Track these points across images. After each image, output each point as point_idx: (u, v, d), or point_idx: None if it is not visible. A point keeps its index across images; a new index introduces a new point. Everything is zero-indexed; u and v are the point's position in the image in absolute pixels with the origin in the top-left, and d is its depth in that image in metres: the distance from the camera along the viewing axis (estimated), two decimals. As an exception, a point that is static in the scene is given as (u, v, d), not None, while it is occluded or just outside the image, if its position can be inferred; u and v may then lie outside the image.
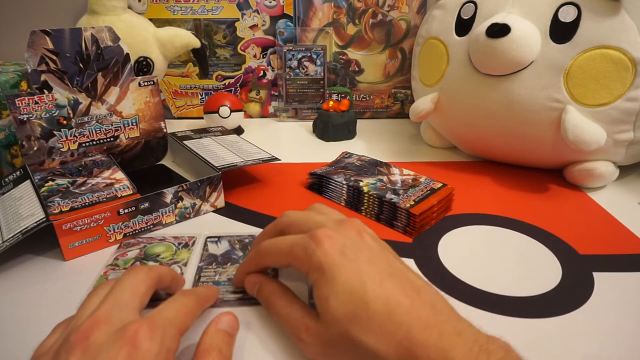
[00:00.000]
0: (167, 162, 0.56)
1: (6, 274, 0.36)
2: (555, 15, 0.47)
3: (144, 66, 0.61)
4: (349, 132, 0.69)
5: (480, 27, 0.48)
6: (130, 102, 0.51)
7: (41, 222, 0.36)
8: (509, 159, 0.57)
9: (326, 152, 0.62)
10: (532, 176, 0.55)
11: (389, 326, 0.23)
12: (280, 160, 0.50)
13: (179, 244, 0.39)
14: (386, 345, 0.23)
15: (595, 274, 0.36)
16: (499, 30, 0.46)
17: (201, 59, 0.68)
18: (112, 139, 0.50)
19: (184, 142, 0.54)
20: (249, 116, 0.80)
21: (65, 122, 0.46)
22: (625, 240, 0.42)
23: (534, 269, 0.37)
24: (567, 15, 0.46)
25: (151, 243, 0.39)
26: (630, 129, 0.47)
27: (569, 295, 0.34)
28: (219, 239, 0.40)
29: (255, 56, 0.76)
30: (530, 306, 0.33)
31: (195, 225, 0.43)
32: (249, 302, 0.32)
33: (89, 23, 0.59)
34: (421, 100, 0.57)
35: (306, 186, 0.51)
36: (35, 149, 0.45)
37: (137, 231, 0.41)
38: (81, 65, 0.46)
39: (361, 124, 0.72)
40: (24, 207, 0.39)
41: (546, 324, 0.31)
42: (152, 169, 0.55)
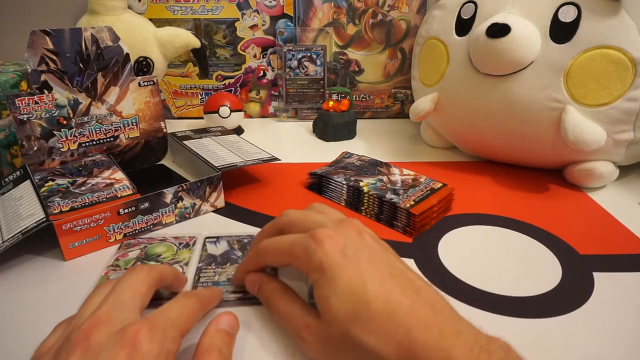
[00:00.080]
0: (167, 162, 0.56)
1: (6, 274, 0.36)
2: (555, 15, 0.47)
3: (144, 66, 0.61)
4: (349, 132, 0.69)
5: (480, 27, 0.48)
6: (130, 102, 0.51)
7: (41, 222, 0.36)
8: (509, 159, 0.57)
9: (326, 152, 0.62)
10: (532, 176, 0.55)
11: (389, 326, 0.23)
12: (280, 160, 0.50)
13: (180, 244, 0.39)
14: (386, 345, 0.23)
15: (595, 274, 0.37)
16: (499, 30, 0.46)
17: (201, 59, 0.68)
18: (112, 139, 0.50)
19: (184, 142, 0.54)
20: (249, 116, 0.80)
21: (65, 122, 0.46)
22: (625, 240, 0.42)
23: (534, 269, 0.37)
24: (567, 15, 0.46)
25: (152, 243, 0.39)
26: (630, 129, 0.47)
27: (569, 295, 0.34)
28: (217, 239, 0.40)
29: (255, 56, 0.76)
30: (530, 306, 0.33)
31: (195, 226, 0.43)
32: (249, 302, 0.32)
33: (89, 23, 0.59)
34: (421, 100, 0.58)
35: (306, 186, 0.51)
36: (35, 149, 0.45)
37: (137, 231, 0.41)
38: (81, 65, 0.46)
39: (361, 124, 0.72)
40: (24, 207, 0.39)
41: (546, 324, 0.31)
42: (152, 169, 0.55)
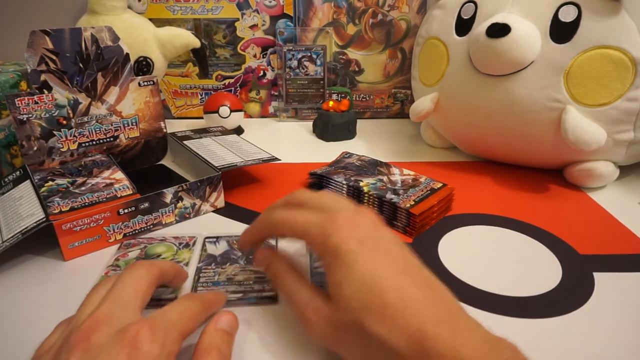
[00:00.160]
0: (167, 162, 0.56)
1: (6, 274, 0.36)
2: (556, 15, 0.47)
3: (143, 66, 0.61)
4: (349, 132, 0.69)
5: (480, 27, 0.48)
6: (130, 102, 0.50)
7: (41, 222, 0.36)
8: (509, 159, 0.57)
9: (326, 152, 0.62)
10: (532, 176, 0.55)
11: (402, 319, 0.23)
12: (280, 160, 0.50)
13: (180, 244, 0.39)
14: (398, 337, 0.22)
15: (596, 274, 0.36)
16: (499, 30, 0.46)
17: (201, 58, 0.68)
18: (111, 139, 0.50)
19: (184, 142, 0.54)
20: (249, 116, 0.80)
21: (65, 122, 0.46)
22: (626, 240, 0.42)
23: (534, 269, 0.37)
24: (567, 15, 0.46)
25: (152, 243, 0.39)
26: (630, 129, 0.47)
27: (569, 296, 0.34)
28: (217, 239, 0.40)
29: (255, 56, 0.76)
30: (530, 306, 0.33)
31: (195, 226, 0.43)
32: (248, 302, 0.32)
33: (89, 23, 0.59)
34: (421, 100, 0.57)
35: (306, 186, 0.51)
36: (35, 149, 0.45)
37: (137, 231, 0.41)
38: (81, 65, 0.46)
39: (361, 124, 0.72)
40: (24, 207, 0.39)
41: (546, 324, 0.31)
42: (152, 169, 0.55)
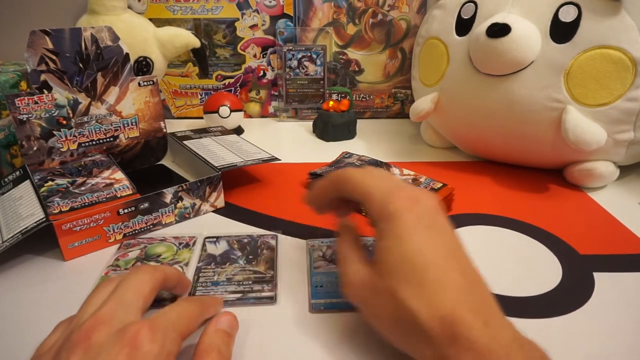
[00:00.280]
0: (167, 162, 0.56)
1: (6, 274, 0.36)
2: (556, 15, 0.46)
3: (143, 66, 0.61)
4: (349, 132, 0.69)
5: (480, 27, 0.48)
6: (130, 102, 0.50)
7: (41, 222, 0.36)
8: (509, 159, 0.57)
9: (326, 152, 0.62)
10: (532, 176, 0.55)
11: (439, 297, 0.23)
12: (280, 160, 0.50)
13: (180, 244, 0.39)
14: (431, 315, 0.23)
15: (596, 274, 0.36)
16: (499, 30, 0.46)
17: (201, 58, 0.68)
18: (111, 139, 0.50)
19: (184, 142, 0.54)
20: (249, 116, 0.80)
21: (65, 122, 0.46)
22: (626, 240, 0.42)
23: (534, 269, 0.37)
24: (568, 15, 0.46)
25: (152, 243, 0.39)
26: (630, 129, 0.47)
27: (569, 296, 0.34)
28: (217, 239, 0.40)
29: (255, 56, 0.76)
30: (530, 306, 0.33)
31: (195, 226, 0.43)
32: (248, 302, 0.32)
33: (89, 23, 0.59)
34: (421, 100, 0.57)
35: (306, 186, 0.51)
36: (35, 149, 0.45)
37: (136, 231, 0.41)
38: (81, 65, 0.46)
39: (361, 124, 0.72)
40: (24, 207, 0.39)
41: (547, 324, 0.31)
42: (152, 169, 0.55)
